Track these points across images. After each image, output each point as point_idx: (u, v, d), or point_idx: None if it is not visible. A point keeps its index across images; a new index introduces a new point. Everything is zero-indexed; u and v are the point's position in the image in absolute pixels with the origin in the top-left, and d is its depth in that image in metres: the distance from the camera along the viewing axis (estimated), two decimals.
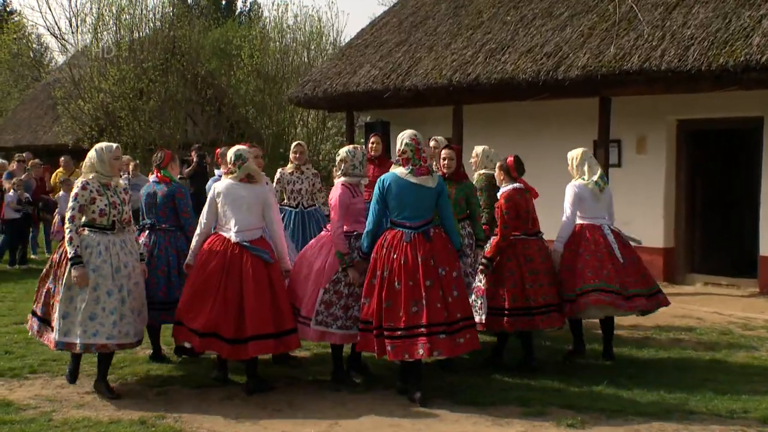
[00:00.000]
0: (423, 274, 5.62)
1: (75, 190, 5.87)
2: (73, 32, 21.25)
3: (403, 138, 5.91)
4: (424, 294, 5.58)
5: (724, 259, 11.02)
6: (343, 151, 6.23)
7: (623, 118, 10.83)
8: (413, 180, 5.76)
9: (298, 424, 5.37)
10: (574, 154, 6.97)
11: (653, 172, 11.06)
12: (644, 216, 11.04)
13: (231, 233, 5.96)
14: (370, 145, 8.86)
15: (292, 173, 8.29)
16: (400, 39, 13.42)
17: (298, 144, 8.52)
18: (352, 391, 6.05)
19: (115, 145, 6.13)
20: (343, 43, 18.94)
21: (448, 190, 6.14)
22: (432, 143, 8.76)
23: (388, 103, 12.79)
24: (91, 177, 5.92)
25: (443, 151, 7.12)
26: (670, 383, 6.13)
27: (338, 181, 6.15)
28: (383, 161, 8.57)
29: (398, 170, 5.86)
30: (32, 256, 13.56)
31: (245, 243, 5.93)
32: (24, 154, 14.81)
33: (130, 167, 14.26)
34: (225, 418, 5.50)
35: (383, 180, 5.87)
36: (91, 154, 5.96)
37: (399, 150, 5.89)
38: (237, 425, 5.37)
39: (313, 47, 22.77)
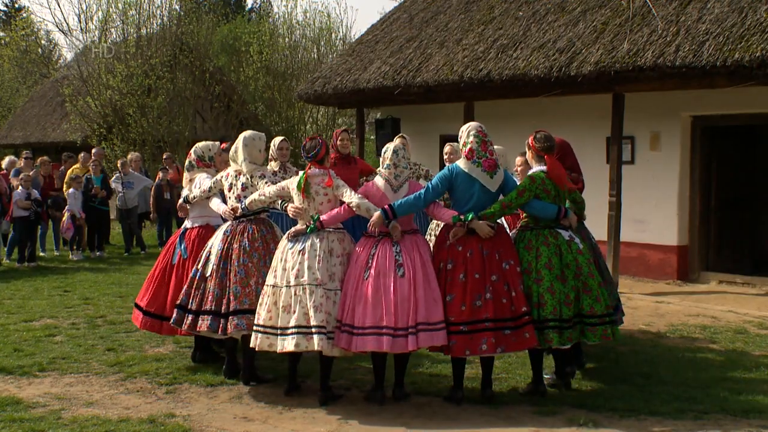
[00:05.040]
0: (489, 268, 5.51)
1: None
2: (81, 29, 21.29)
3: (468, 129, 5.78)
4: (490, 288, 5.45)
5: (740, 257, 10.90)
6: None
7: (636, 115, 10.73)
8: (474, 174, 5.64)
9: (308, 423, 5.32)
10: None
11: (667, 169, 10.97)
12: (658, 213, 10.97)
13: None
14: (338, 141, 8.14)
15: (275, 173, 7.50)
16: (410, 35, 13.34)
17: (284, 140, 7.95)
18: (363, 389, 5.99)
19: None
20: (353, 40, 18.88)
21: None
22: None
23: (399, 100, 12.71)
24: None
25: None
26: (684, 382, 6.07)
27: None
28: (350, 159, 8.03)
29: (462, 162, 5.72)
30: (41, 254, 13.56)
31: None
32: (24, 152, 14.79)
33: (118, 164, 14.26)
34: (234, 416, 5.45)
35: (453, 168, 5.73)
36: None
37: (463, 141, 5.75)
38: (246, 424, 5.32)
39: (322, 43, 22.72)
